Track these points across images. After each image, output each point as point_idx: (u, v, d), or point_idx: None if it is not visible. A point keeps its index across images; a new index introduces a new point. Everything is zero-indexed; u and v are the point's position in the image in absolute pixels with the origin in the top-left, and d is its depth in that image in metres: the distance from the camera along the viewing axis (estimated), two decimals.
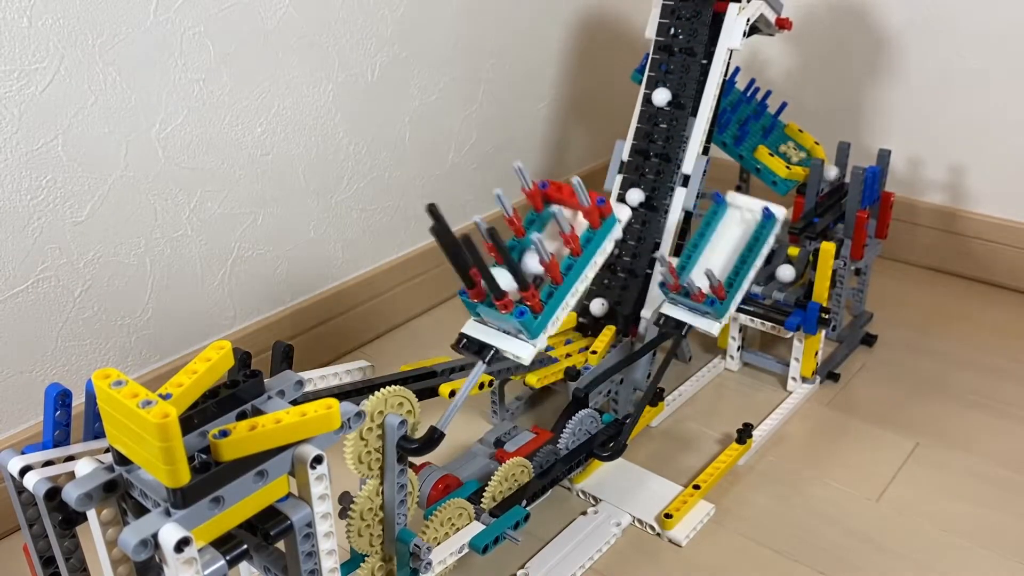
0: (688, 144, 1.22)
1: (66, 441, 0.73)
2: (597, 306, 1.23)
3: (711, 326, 1.10)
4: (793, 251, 1.37)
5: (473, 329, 0.93)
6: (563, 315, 0.93)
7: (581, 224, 0.96)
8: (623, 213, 0.97)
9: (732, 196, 1.16)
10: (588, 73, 1.76)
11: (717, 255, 1.14)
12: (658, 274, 1.19)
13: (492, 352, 0.92)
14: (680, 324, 1.11)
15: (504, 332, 0.92)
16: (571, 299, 0.94)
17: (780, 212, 1.12)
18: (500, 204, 0.90)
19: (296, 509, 0.67)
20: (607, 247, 0.96)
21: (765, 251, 1.12)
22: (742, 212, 1.15)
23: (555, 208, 0.91)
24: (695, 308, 1.10)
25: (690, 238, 1.17)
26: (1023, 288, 1.57)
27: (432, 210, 0.81)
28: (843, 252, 1.35)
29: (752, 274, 1.12)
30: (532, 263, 0.92)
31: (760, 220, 1.12)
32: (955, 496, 1.10)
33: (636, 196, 1.23)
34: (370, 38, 1.33)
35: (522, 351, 0.90)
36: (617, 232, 0.97)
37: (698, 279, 1.11)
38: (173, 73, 1.11)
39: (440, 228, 0.81)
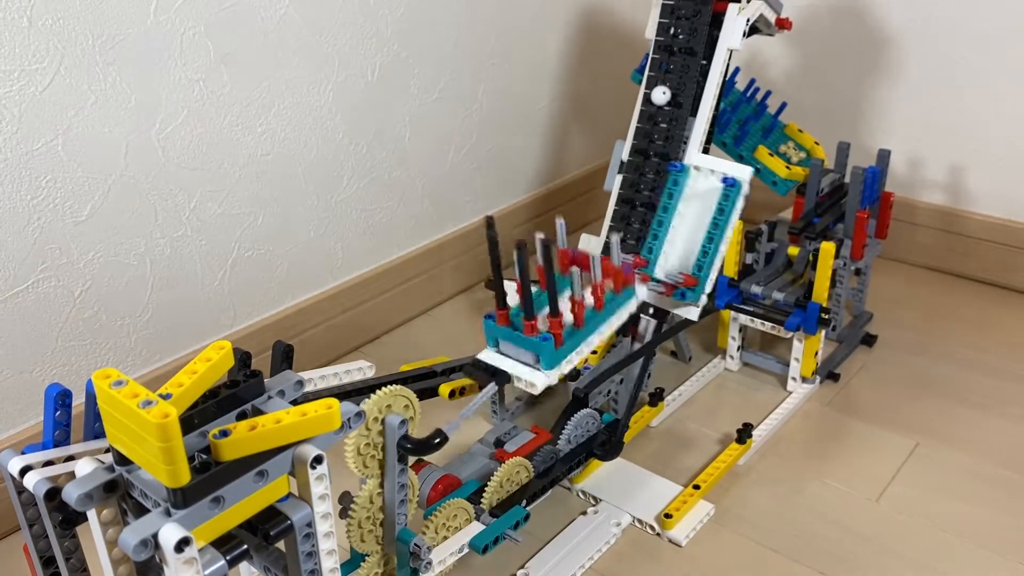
0: (688, 144, 1.22)
1: (66, 441, 0.73)
2: (659, 95, 1.19)
3: (689, 312, 1.09)
4: (793, 251, 1.37)
5: (488, 356, 0.96)
6: (577, 359, 0.96)
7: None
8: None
9: (694, 158, 1.11)
10: (588, 73, 1.76)
11: (685, 230, 1.10)
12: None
13: (505, 377, 0.94)
14: (658, 311, 1.13)
15: (520, 363, 0.94)
16: (586, 348, 0.97)
17: (744, 174, 1.06)
18: (541, 248, 0.91)
19: (296, 509, 0.67)
20: (623, 315, 1.01)
21: (733, 221, 1.07)
22: (705, 174, 1.10)
23: (575, 269, 0.93)
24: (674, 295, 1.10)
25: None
26: (1022, 288, 1.57)
27: (489, 222, 0.88)
28: (843, 252, 1.35)
29: (723, 249, 1.08)
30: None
31: (723, 189, 1.07)
32: (955, 496, 1.10)
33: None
34: (370, 38, 1.33)
35: (536, 379, 0.92)
36: (632, 306, 1.02)
37: (671, 257, 1.09)
38: (173, 73, 1.11)
39: (492, 240, 0.88)
